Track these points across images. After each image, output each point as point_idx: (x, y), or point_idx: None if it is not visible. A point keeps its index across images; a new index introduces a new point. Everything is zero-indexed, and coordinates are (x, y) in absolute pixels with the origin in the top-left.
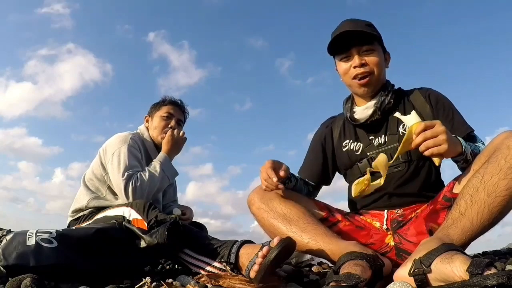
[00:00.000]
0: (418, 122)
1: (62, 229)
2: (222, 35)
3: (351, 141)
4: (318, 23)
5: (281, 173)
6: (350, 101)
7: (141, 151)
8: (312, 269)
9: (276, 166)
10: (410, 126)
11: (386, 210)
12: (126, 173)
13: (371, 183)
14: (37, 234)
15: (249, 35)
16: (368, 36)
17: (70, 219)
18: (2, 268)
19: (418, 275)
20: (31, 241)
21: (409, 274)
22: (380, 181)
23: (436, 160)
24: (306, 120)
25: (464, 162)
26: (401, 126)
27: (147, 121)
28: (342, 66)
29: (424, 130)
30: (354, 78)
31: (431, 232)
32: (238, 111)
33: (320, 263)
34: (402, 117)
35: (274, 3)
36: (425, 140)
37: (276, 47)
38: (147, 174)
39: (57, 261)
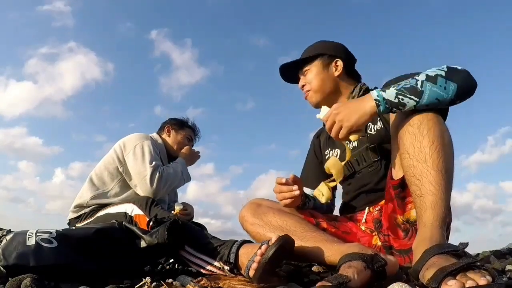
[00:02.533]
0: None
1: (62, 229)
2: (225, 33)
3: (330, 149)
4: (321, 21)
5: (295, 186)
6: None
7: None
8: (312, 269)
9: (285, 181)
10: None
11: (367, 207)
12: (154, 162)
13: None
14: (37, 234)
15: (251, 33)
16: (305, 60)
17: (71, 215)
18: (2, 268)
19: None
20: (31, 241)
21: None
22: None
23: (352, 137)
24: (308, 120)
25: (397, 108)
26: (367, 125)
27: (168, 131)
28: None
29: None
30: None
31: (398, 225)
32: (240, 110)
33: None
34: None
35: (277, 2)
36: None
37: (279, 45)
38: (171, 169)
39: (57, 261)
